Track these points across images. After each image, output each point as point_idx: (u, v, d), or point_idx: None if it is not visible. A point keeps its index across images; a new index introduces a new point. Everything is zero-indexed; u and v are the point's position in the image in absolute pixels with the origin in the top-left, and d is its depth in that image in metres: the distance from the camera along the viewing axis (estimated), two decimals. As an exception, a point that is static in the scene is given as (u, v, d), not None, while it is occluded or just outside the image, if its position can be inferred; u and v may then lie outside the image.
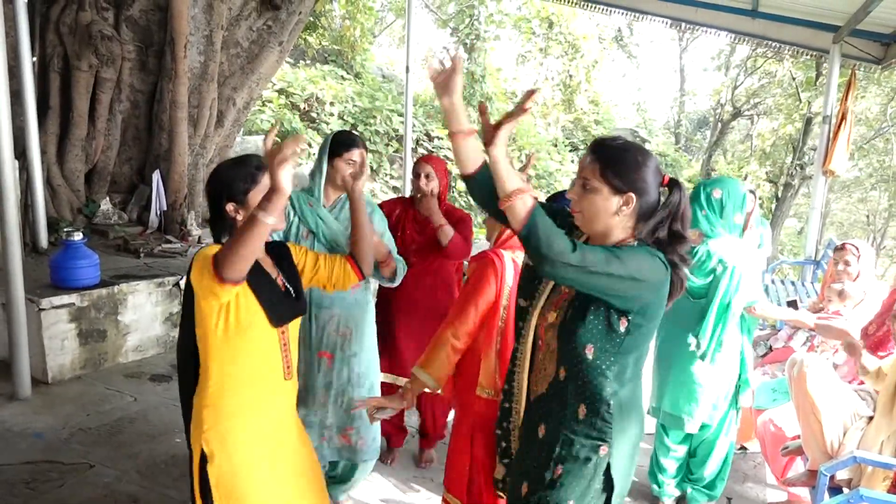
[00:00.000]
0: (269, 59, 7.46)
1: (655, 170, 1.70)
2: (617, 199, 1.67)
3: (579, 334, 1.70)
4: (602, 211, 1.68)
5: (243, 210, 1.96)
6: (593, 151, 1.70)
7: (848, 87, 6.89)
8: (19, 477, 3.39)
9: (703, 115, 24.02)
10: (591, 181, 1.68)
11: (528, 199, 1.50)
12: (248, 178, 1.96)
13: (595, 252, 1.55)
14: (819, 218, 7.65)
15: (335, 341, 2.85)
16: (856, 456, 2.67)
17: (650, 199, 1.69)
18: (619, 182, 1.66)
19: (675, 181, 1.72)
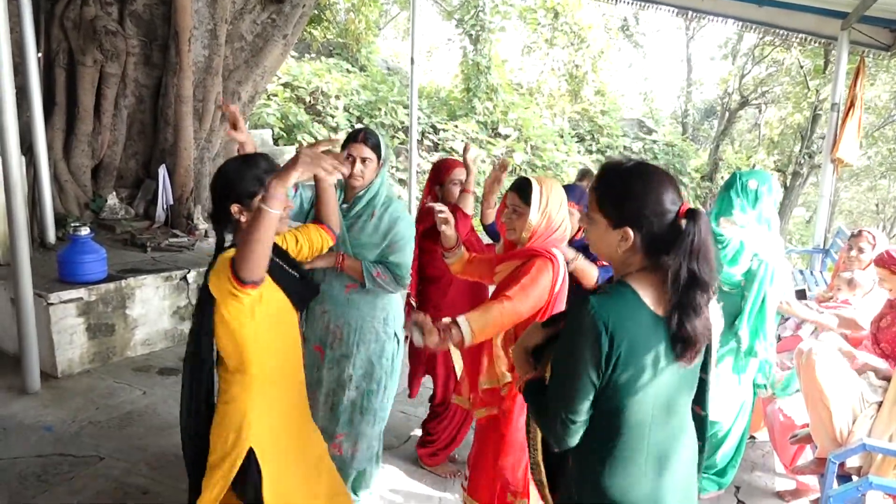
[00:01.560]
0: (274, 52, 7.45)
1: (666, 199, 1.49)
2: (615, 233, 1.52)
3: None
4: (603, 244, 1.56)
5: (248, 213, 1.95)
6: (597, 178, 1.59)
7: (857, 75, 6.83)
8: (31, 469, 3.41)
9: (711, 105, 23.89)
10: (591, 212, 1.57)
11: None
12: (256, 181, 1.94)
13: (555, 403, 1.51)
14: (828, 206, 7.60)
15: (325, 338, 2.81)
16: (865, 443, 2.66)
17: (657, 234, 1.49)
18: (615, 215, 1.51)
19: (693, 212, 1.48)
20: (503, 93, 14.78)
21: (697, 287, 1.45)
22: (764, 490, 3.57)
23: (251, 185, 1.93)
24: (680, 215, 1.49)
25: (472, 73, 14.61)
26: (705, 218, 1.48)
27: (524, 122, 14.56)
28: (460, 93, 15.06)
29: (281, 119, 11.04)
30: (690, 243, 1.45)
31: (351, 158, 2.68)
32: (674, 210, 1.49)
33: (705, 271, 1.45)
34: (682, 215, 1.48)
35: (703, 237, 1.46)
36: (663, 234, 1.48)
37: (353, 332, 2.80)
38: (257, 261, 1.74)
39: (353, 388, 2.83)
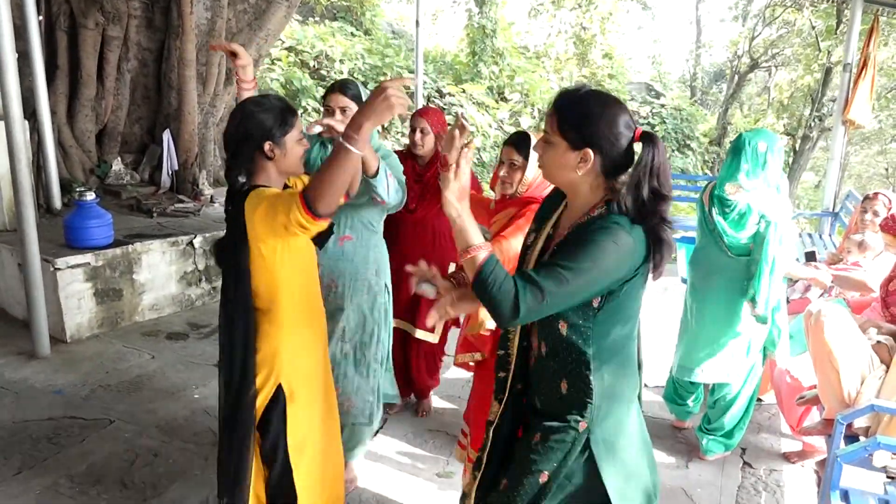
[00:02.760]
0: (277, 15, 7.34)
1: (622, 122, 1.54)
2: (574, 154, 1.55)
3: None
4: (560, 166, 1.59)
5: (279, 149, 1.99)
6: (554, 103, 1.60)
7: (870, 34, 6.71)
8: (42, 432, 3.45)
9: (720, 68, 23.56)
10: (549, 135, 1.59)
11: (481, 255, 1.49)
12: (283, 119, 2.00)
13: (545, 281, 1.46)
14: (838, 169, 7.53)
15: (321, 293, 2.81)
16: (874, 404, 2.65)
17: (615, 155, 1.55)
18: (574, 136, 1.55)
19: (649, 135, 1.55)
20: (509, 56, 14.59)
21: (662, 201, 1.53)
22: (770, 451, 3.59)
23: (280, 123, 1.98)
24: (635, 139, 1.56)
25: (478, 37, 14.41)
26: (661, 142, 1.55)
27: (531, 87, 14.40)
28: (466, 57, 14.88)
29: (285, 84, 10.94)
30: (651, 161, 1.52)
31: (330, 110, 2.65)
32: (629, 134, 1.55)
33: (666, 186, 1.54)
34: (637, 139, 1.55)
35: (662, 157, 1.54)
36: (620, 156, 1.55)
37: (346, 285, 2.82)
38: (334, 194, 1.74)
39: (347, 340, 2.85)
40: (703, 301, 3.31)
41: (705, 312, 3.30)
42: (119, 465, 3.19)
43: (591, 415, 1.62)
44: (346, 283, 2.83)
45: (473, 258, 1.50)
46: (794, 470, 3.44)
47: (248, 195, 1.91)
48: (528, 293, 1.44)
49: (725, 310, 3.23)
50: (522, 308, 1.44)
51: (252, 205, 1.89)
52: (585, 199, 1.62)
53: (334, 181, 1.70)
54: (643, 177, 1.52)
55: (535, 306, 1.45)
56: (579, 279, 1.47)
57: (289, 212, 1.75)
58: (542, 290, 1.45)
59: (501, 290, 1.45)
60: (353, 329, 2.86)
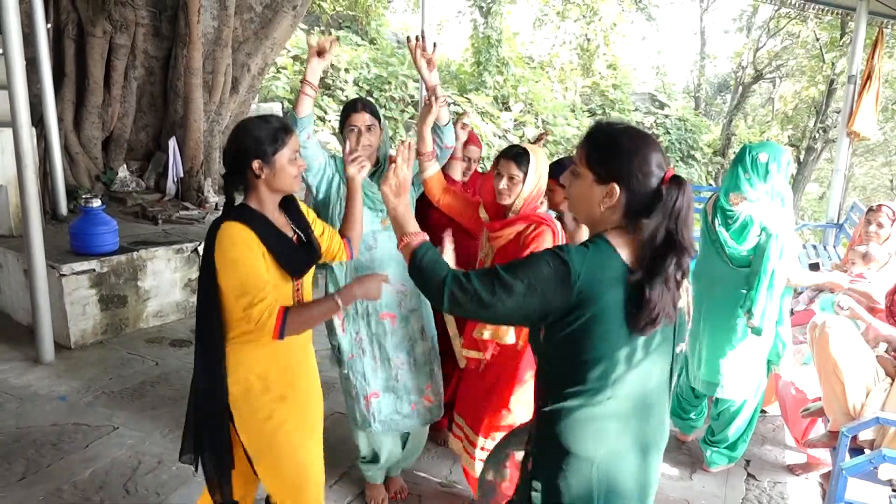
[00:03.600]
0: (283, 23, 7.38)
1: (653, 161, 1.47)
2: (599, 189, 1.50)
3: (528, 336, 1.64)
4: (585, 199, 1.54)
5: (268, 168, 1.98)
6: (586, 135, 1.57)
7: (875, 46, 6.72)
8: (46, 438, 3.46)
9: (724, 79, 23.59)
10: (577, 166, 1.55)
11: (414, 241, 1.62)
12: (275, 138, 1.98)
13: (473, 282, 1.46)
14: (842, 180, 7.52)
15: (395, 300, 2.83)
16: (879, 417, 2.64)
17: (641, 194, 1.46)
18: (602, 170, 1.49)
19: (678, 179, 1.47)
20: (514, 66, 14.65)
21: (673, 252, 1.43)
22: (774, 464, 3.58)
23: (273, 142, 1.98)
24: (665, 181, 1.47)
25: (483, 47, 14.48)
26: (689, 187, 1.48)
27: (535, 96, 14.44)
28: (470, 66, 14.94)
29: (291, 92, 10.99)
30: (672, 205, 1.44)
31: (355, 129, 2.67)
32: (659, 174, 1.47)
33: (683, 236, 1.44)
34: (666, 181, 1.47)
35: (686, 203, 1.45)
36: (647, 195, 1.46)
37: (411, 285, 2.81)
38: (303, 329, 2.03)
39: (428, 338, 2.92)
40: (706, 311, 3.31)
41: (707, 323, 3.30)
42: (122, 471, 3.19)
43: (536, 454, 1.57)
44: (410, 284, 2.84)
45: (408, 244, 1.63)
46: (798, 482, 3.42)
47: (221, 227, 1.92)
48: (454, 282, 1.49)
49: (726, 321, 3.22)
50: (445, 292, 1.49)
51: (221, 254, 1.91)
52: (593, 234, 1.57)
53: (313, 321, 2.03)
54: (662, 218, 1.43)
55: (459, 296, 1.48)
56: (499, 285, 1.44)
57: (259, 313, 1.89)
58: (467, 282, 1.48)
59: (432, 274, 1.54)
60: (429, 327, 2.94)
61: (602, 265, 1.44)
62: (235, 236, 1.91)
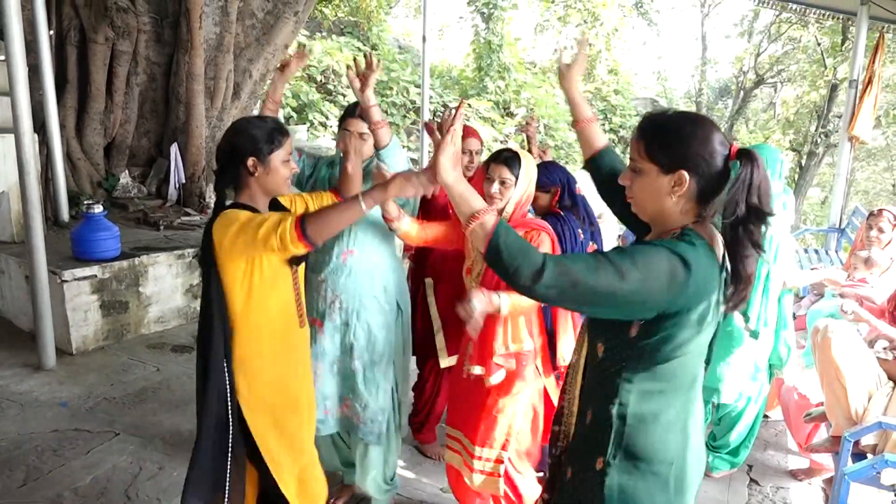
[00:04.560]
0: (285, 29, 7.40)
1: (716, 140, 1.41)
2: (667, 178, 1.42)
3: (594, 326, 1.54)
4: (653, 194, 1.45)
5: (262, 167, 2.01)
6: (639, 128, 1.49)
7: (875, 51, 6.72)
8: (47, 444, 3.45)
9: (725, 84, 23.61)
10: (637, 162, 1.47)
11: (490, 220, 1.39)
12: (271, 138, 2.01)
13: (575, 264, 1.31)
14: (844, 185, 7.51)
15: (323, 308, 2.79)
16: (881, 422, 2.64)
17: (710, 176, 1.41)
18: (667, 159, 1.42)
19: (746, 151, 1.41)
20: (515, 71, 14.67)
21: (755, 220, 1.38)
22: (777, 469, 3.57)
23: (268, 141, 2.00)
24: (731, 157, 1.42)
25: (484, 52, 14.51)
26: (759, 158, 1.40)
27: (536, 101, 14.45)
28: (472, 72, 14.97)
29: (292, 98, 11.02)
30: (749, 178, 1.37)
31: (350, 134, 2.68)
32: (724, 152, 1.42)
33: (766, 205, 1.38)
34: (733, 157, 1.42)
35: (761, 174, 1.38)
36: (716, 177, 1.41)
37: (351, 300, 2.79)
38: (328, 229, 1.86)
39: (356, 357, 2.81)
40: None
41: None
42: (123, 477, 3.18)
43: (611, 457, 1.46)
44: (351, 300, 2.80)
45: (483, 223, 1.39)
46: (801, 488, 3.41)
47: (218, 216, 1.95)
48: (555, 265, 1.31)
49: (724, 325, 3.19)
50: (545, 275, 1.30)
51: (221, 225, 1.92)
52: (669, 227, 1.48)
53: (334, 221, 1.86)
54: (740, 194, 1.37)
55: (560, 281, 1.30)
56: (610, 270, 1.31)
57: (276, 225, 1.82)
58: (571, 264, 1.31)
59: (521, 254, 1.33)
60: (361, 347, 2.81)
61: (707, 262, 1.39)
62: (234, 212, 1.94)
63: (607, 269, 1.31)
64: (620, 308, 1.36)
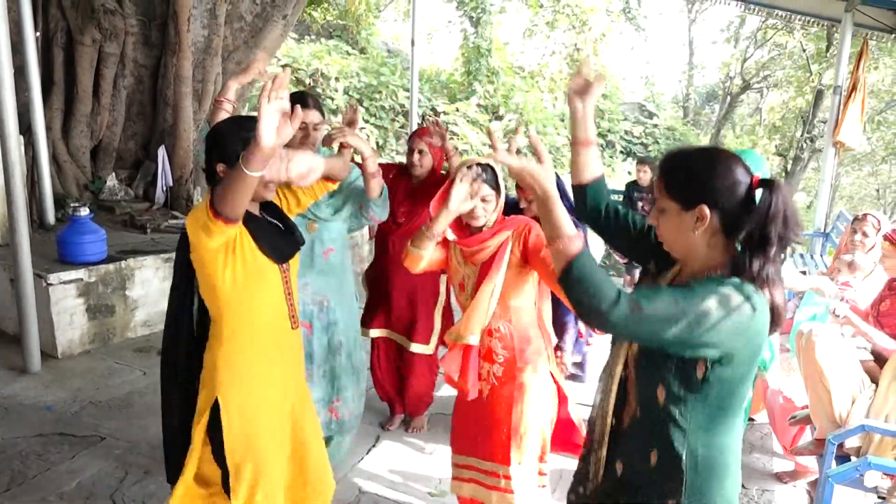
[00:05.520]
0: (273, 32, 7.39)
1: (736, 172, 1.40)
2: (689, 214, 1.42)
3: (651, 369, 1.49)
4: (678, 232, 1.46)
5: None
6: (659, 167, 1.51)
7: (859, 58, 6.79)
8: (32, 448, 3.43)
9: (712, 89, 23.80)
10: (660, 201, 1.48)
11: (575, 246, 1.36)
12: (244, 143, 1.90)
13: (650, 301, 1.31)
14: (829, 190, 7.58)
15: (311, 310, 2.83)
16: (864, 424, 2.66)
17: (732, 208, 1.40)
18: (685, 195, 1.43)
19: (769, 181, 1.39)
20: (504, 76, 14.71)
21: (771, 252, 1.38)
22: (762, 471, 3.59)
23: (237, 147, 1.92)
24: (753, 186, 1.41)
25: (473, 56, 14.53)
26: (784, 186, 1.39)
27: (525, 106, 14.49)
28: (461, 76, 14.98)
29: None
30: (767, 209, 1.36)
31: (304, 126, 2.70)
32: (745, 181, 1.41)
33: (786, 237, 1.38)
34: (755, 186, 1.40)
35: (784, 202, 1.37)
36: (739, 208, 1.40)
37: (335, 298, 2.86)
38: (231, 201, 1.77)
39: (344, 353, 2.89)
40: None
41: None
42: (109, 482, 3.16)
43: (683, 498, 1.46)
44: (334, 297, 2.86)
45: (563, 250, 1.37)
46: (786, 490, 3.44)
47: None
48: (629, 302, 1.30)
49: None
50: (618, 312, 1.29)
51: (189, 220, 1.90)
52: (703, 262, 1.47)
53: (231, 195, 1.76)
54: (758, 225, 1.37)
55: (628, 317, 1.30)
56: (680, 310, 1.31)
57: (205, 212, 1.80)
58: (647, 303, 1.31)
59: (597, 289, 1.31)
60: (347, 341, 2.92)
61: (764, 302, 1.39)
62: (200, 205, 1.90)
63: (672, 300, 1.32)
64: (687, 343, 1.35)
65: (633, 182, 7.36)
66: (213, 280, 1.93)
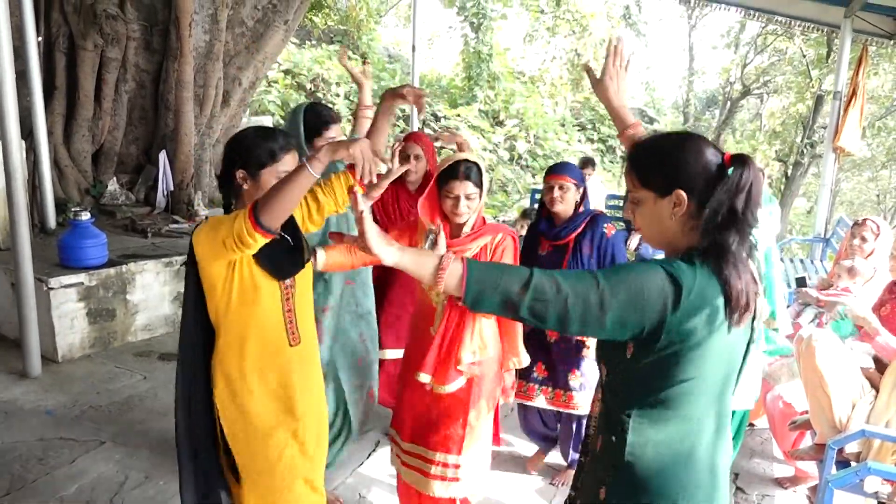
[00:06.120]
0: (275, 38, 7.42)
1: (706, 152, 1.37)
2: (665, 201, 1.39)
3: (597, 347, 1.52)
4: (656, 220, 1.42)
5: (251, 181, 1.96)
6: (628, 158, 1.47)
7: (859, 63, 6.81)
8: (32, 453, 3.43)
9: (713, 94, 23.81)
10: (634, 192, 1.44)
11: (456, 269, 1.30)
12: (269, 154, 1.95)
13: (563, 276, 1.29)
14: (829, 195, 7.59)
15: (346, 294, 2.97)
16: (864, 430, 2.66)
17: (707, 189, 1.35)
18: (660, 182, 1.39)
19: (740, 157, 1.36)
20: (504, 81, 14.74)
21: (733, 228, 1.33)
22: (762, 477, 3.59)
23: (262, 157, 1.95)
24: (726, 164, 1.37)
25: (474, 62, 14.57)
26: (755, 164, 1.35)
27: (525, 111, 14.52)
28: (461, 81, 15.02)
29: (282, 106, 11.02)
30: (737, 179, 1.32)
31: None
32: (716, 160, 1.37)
33: (748, 213, 1.33)
34: (727, 164, 1.36)
35: (752, 177, 1.33)
36: (714, 189, 1.35)
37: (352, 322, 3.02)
38: (280, 209, 1.74)
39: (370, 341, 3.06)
40: None
41: None
42: (109, 486, 3.16)
43: (611, 487, 1.42)
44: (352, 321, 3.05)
45: (451, 272, 1.30)
46: (786, 496, 3.43)
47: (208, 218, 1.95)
48: (540, 274, 1.29)
49: None
50: (533, 284, 1.27)
51: (200, 230, 1.89)
52: (677, 250, 1.42)
53: (285, 197, 1.73)
54: (726, 200, 1.33)
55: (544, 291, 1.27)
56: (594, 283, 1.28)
57: (232, 223, 1.77)
58: (552, 289, 1.28)
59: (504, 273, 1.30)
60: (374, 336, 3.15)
61: (705, 281, 1.32)
62: (215, 216, 1.92)
63: (593, 293, 1.28)
64: (612, 331, 1.31)
65: (634, 187, 7.37)
66: (212, 291, 1.94)
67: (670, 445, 1.38)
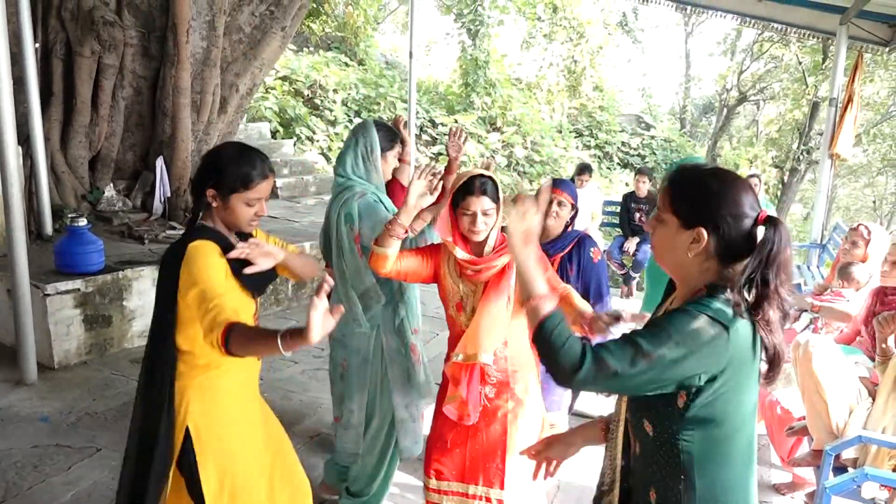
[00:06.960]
0: (272, 44, 7.42)
1: (744, 202, 1.36)
2: (686, 233, 1.39)
3: (636, 405, 1.49)
4: (671, 247, 1.43)
5: (220, 202, 1.93)
6: (668, 177, 1.47)
7: (854, 70, 6.84)
8: (27, 460, 3.41)
9: (709, 101, 23.90)
10: (661, 211, 1.44)
11: (545, 307, 1.39)
12: (243, 180, 1.91)
13: (614, 357, 1.30)
14: (825, 202, 7.62)
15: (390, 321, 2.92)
16: (861, 436, 2.67)
17: (732, 238, 1.36)
18: (687, 214, 1.39)
19: (773, 219, 1.36)
20: (501, 87, 14.76)
21: (770, 298, 1.34)
22: (760, 483, 3.58)
23: (235, 182, 1.90)
24: (758, 222, 1.37)
25: (471, 68, 14.60)
26: (785, 229, 1.36)
27: (523, 117, 14.55)
28: (459, 87, 15.05)
29: (279, 113, 11.03)
30: (769, 250, 1.33)
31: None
32: (752, 215, 1.37)
33: (782, 282, 1.35)
34: (760, 222, 1.36)
35: (783, 246, 1.34)
36: (739, 240, 1.37)
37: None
38: (248, 352, 1.79)
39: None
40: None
41: None
42: (105, 493, 3.15)
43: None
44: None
45: (536, 308, 1.40)
46: (784, 502, 3.43)
47: (189, 246, 1.88)
48: (592, 363, 1.30)
49: None
50: (581, 374, 1.30)
51: (187, 270, 1.85)
52: (693, 285, 1.43)
53: (252, 349, 1.76)
54: (757, 267, 1.33)
55: (595, 376, 1.31)
56: (647, 359, 1.30)
57: (210, 329, 1.76)
58: (608, 360, 1.30)
59: (564, 352, 1.33)
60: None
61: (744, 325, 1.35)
62: (206, 250, 1.88)
63: (638, 356, 1.29)
64: (663, 384, 1.34)
65: (631, 193, 7.41)
66: (191, 316, 1.89)
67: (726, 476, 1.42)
